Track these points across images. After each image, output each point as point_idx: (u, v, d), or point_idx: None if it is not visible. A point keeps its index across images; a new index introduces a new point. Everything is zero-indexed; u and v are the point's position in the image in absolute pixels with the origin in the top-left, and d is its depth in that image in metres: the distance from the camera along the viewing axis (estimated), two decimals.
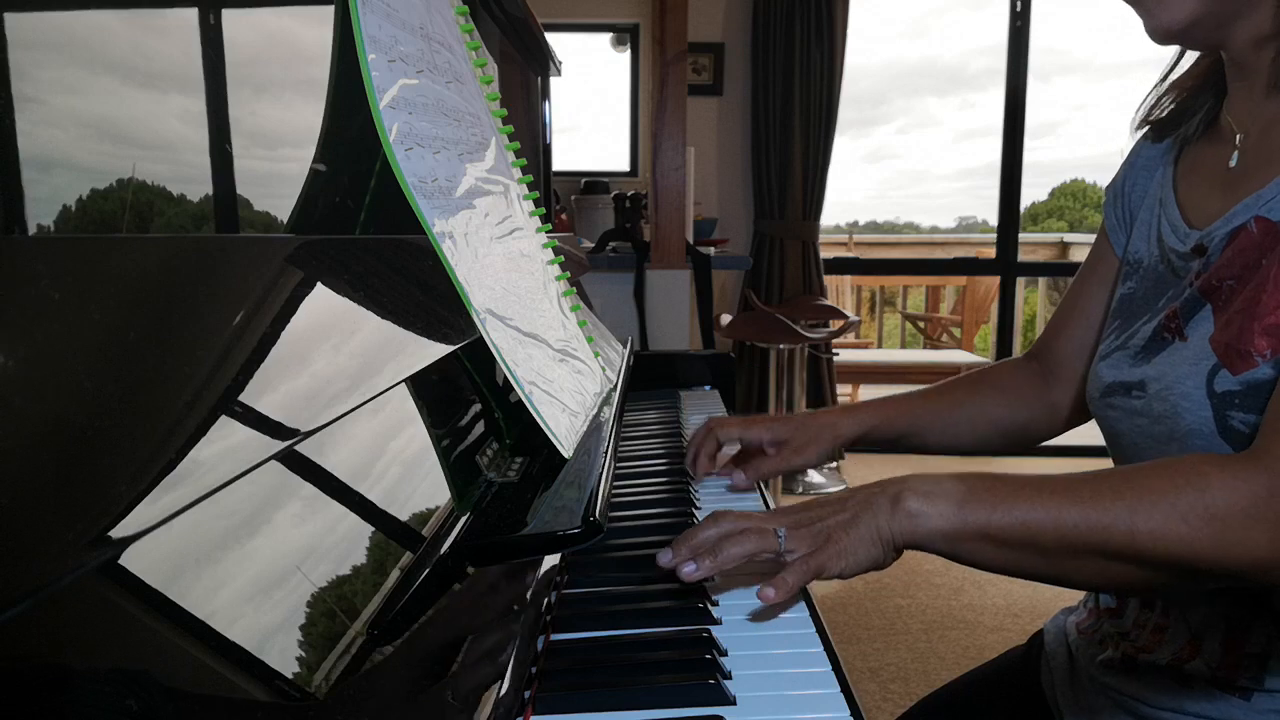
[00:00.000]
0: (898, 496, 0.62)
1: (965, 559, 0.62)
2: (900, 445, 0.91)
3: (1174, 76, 0.80)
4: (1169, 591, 0.72)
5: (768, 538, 0.63)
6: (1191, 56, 0.79)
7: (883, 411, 0.90)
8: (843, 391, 4.32)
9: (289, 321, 0.43)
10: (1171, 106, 0.80)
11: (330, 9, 0.62)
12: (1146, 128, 0.83)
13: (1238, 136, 0.72)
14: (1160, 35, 0.69)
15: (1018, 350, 4.08)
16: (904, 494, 0.62)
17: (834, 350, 3.87)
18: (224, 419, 0.35)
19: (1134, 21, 0.72)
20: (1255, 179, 0.68)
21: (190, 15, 0.47)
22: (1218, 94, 0.76)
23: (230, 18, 0.50)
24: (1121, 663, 0.75)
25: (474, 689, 0.45)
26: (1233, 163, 0.72)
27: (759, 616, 0.64)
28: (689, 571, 0.62)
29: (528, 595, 0.58)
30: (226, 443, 0.35)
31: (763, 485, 0.99)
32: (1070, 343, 0.88)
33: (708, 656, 0.56)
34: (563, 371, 0.73)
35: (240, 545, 0.34)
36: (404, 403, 0.54)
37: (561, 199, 3.26)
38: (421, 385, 0.57)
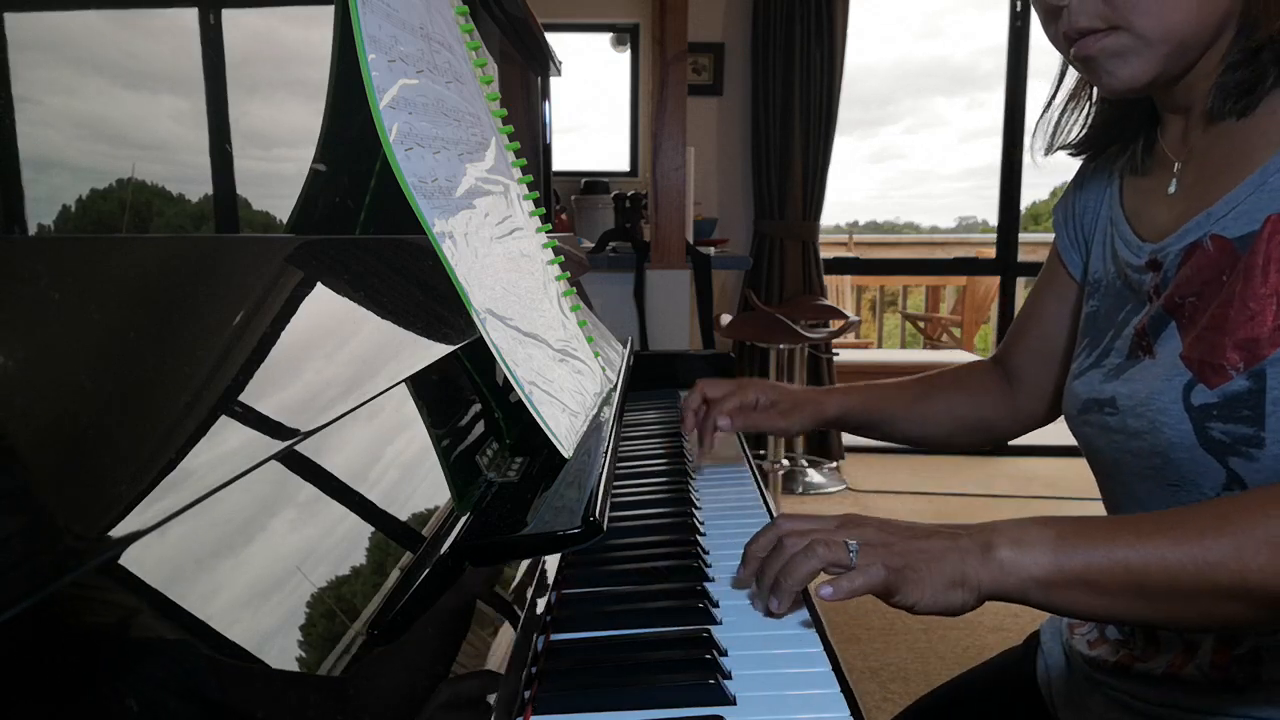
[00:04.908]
0: (988, 544, 0.59)
1: (1060, 607, 0.60)
2: (872, 431, 1.00)
3: (1060, 98, 0.83)
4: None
5: (838, 550, 0.61)
6: (1072, 77, 0.82)
7: (860, 397, 0.99)
8: None
9: (289, 322, 0.43)
10: (1086, 131, 0.83)
11: (330, 9, 0.63)
12: (1080, 153, 0.86)
13: (1175, 165, 0.75)
14: (1120, 93, 0.70)
15: None
16: (995, 541, 0.59)
17: (834, 350, 3.86)
18: (224, 419, 0.35)
19: None
20: (1200, 199, 0.70)
21: (190, 15, 0.47)
22: (1149, 123, 0.79)
23: (230, 18, 0.50)
24: (1115, 666, 0.75)
25: (474, 689, 0.45)
26: (1171, 189, 0.74)
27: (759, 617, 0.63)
28: (774, 608, 0.62)
29: (528, 595, 0.58)
30: (227, 443, 0.35)
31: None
32: (1028, 352, 0.95)
33: (708, 656, 0.56)
34: (563, 371, 0.73)
35: (241, 546, 0.34)
36: (404, 403, 0.54)
37: (561, 199, 3.26)
38: (422, 385, 0.57)
